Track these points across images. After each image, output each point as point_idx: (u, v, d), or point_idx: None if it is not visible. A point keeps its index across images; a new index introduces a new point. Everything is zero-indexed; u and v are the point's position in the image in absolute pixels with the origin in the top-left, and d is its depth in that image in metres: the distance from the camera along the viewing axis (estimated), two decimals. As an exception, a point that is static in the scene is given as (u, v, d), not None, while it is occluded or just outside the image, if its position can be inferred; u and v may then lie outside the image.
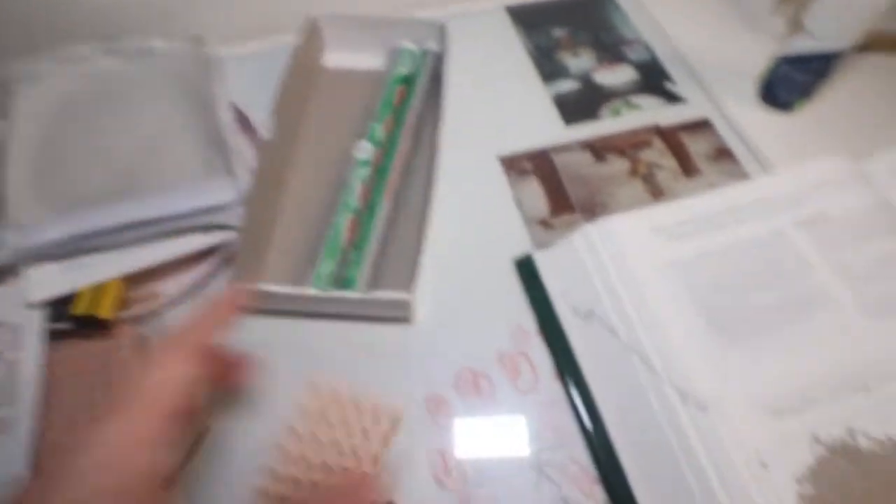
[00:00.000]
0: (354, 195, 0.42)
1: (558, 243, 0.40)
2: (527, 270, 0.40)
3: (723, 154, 0.47)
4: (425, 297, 0.39)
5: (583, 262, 0.39)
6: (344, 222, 0.41)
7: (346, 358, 0.37)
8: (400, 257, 0.40)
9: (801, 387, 0.33)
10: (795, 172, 0.42)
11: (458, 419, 0.35)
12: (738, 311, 0.36)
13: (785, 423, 0.32)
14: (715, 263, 0.37)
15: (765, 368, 0.33)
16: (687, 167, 0.46)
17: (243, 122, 0.45)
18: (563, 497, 0.33)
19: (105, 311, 0.35)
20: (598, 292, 0.37)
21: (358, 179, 0.42)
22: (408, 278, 0.36)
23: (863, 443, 0.31)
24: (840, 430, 0.32)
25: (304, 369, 0.37)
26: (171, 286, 0.39)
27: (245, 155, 0.43)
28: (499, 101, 0.50)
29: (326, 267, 0.39)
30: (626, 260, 0.38)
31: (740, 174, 0.45)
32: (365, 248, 0.40)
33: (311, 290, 0.36)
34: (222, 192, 0.39)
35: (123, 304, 0.37)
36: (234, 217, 0.39)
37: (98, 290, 0.36)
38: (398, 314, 0.38)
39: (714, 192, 0.41)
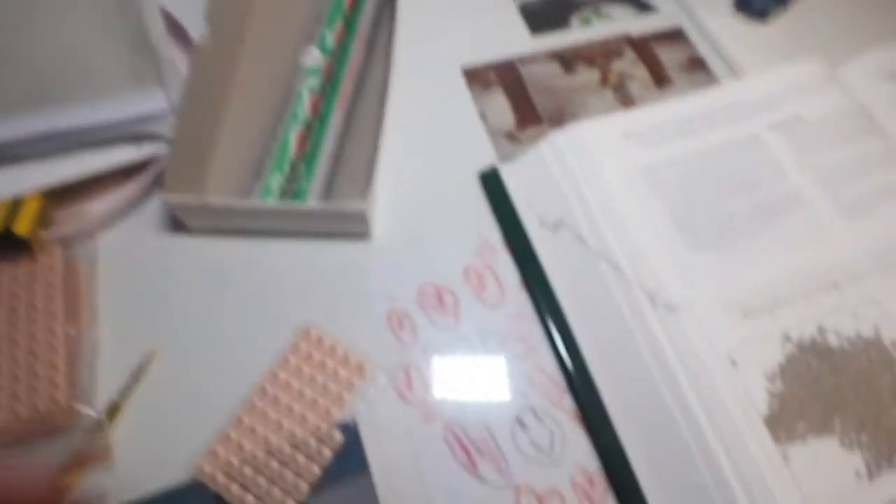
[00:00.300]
0: (304, 105, 0.38)
1: (525, 153, 0.38)
2: (492, 184, 0.38)
3: (696, 64, 0.45)
4: (385, 212, 0.37)
5: (550, 170, 0.36)
6: (293, 134, 0.37)
7: (302, 278, 0.35)
8: (354, 172, 0.37)
9: (773, 288, 0.32)
10: (770, 77, 0.40)
11: (421, 334, 0.34)
12: (709, 215, 0.34)
13: (756, 322, 0.31)
14: (687, 168, 0.36)
15: (736, 271, 0.32)
16: (659, 77, 0.44)
17: (176, 29, 0.41)
18: (531, 407, 0.32)
19: (23, 228, 0.32)
20: (566, 200, 0.35)
21: (307, 89, 0.39)
22: (363, 190, 0.34)
23: (833, 341, 0.31)
24: (811, 329, 0.31)
25: (257, 292, 0.35)
26: (100, 204, 0.35)
27: (178, 64, 0.38)
28: (460, 10, 0.46)
29: (275, 181, 0.36)
30: (596, 166, 0.36)
31: (713, 84, 0.43)
32: (316, 162, 0.37)
33: (257, 202, 0.33)
34: (151, 102, 0.35)
35: (47, 222, 0.34)
36: (166, 128, 0.35)
37: (15, 204, 0.32)
38: (355, 229, 0.35)
39: (687, 98, 0.39)
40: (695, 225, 0.34)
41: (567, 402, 0.32)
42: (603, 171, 0.35)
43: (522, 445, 0.31)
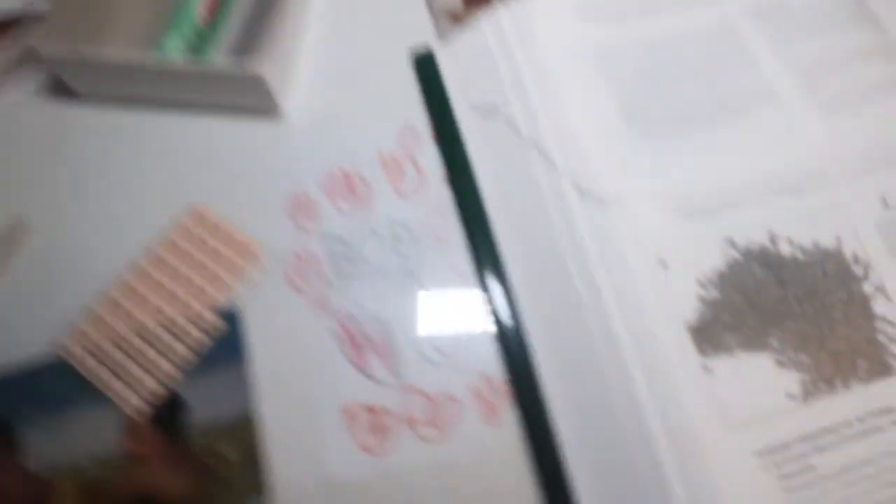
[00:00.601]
0: (217, -36, 0.34)
1: (464, 32, 0.33)
2: (425, 66, 0.33)
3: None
4: (304, 89, 0.33)
5: (489, 50, 0.32)
6: (200, -6, 0.33)
7: (199, 154, 0.31)
8: (274, 47, 0.33)
9: (725, 187, 0.28)
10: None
11: (324, 221, 0.30)
12: (665, 103, 0.30)
13: (697, 224, 0.27)
14: (646, 51, 0.31)
15: (685, 166, 0.28)
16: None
17: None
18: (438, 305, 0.28)
19: None
20: (502, 83, 0.31)
21: (223, -54, 0.34)
22: (265, 54, 0.29)
23: (785, 249, 0.27)
24: (761, 235, 0.27)
25: (147, 167, 0.31)
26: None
27: None
28: None
29: (173, 44, 0.32)
30: (539, 44, 0.31)
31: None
32: (224, 28, 0.32)
33: (138, 56, 0.29)
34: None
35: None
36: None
37: None
38: (259, 102, 0.31)
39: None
40: (646, 114, 0.29)
41: (479, 302, 0.28)
42: (547, 50, 0.31)
43: (423, 346, 0.28)
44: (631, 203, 0.27)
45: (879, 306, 0.25)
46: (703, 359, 0.24)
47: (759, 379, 0.24)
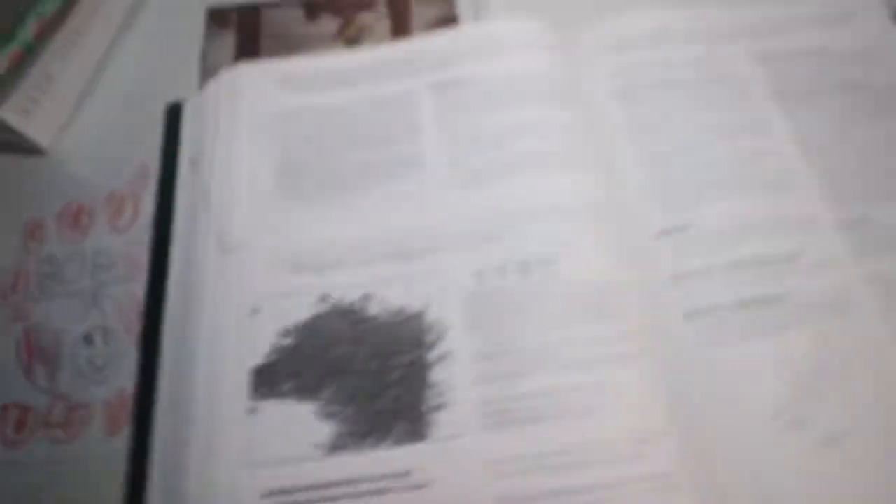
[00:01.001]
0: None
1: (203, 90, 0.38)
2: (172, 116, 0.38)
3: (445, 23, 0.41)
4: (68, 130, 0.39)
5: (208, 109, 0.36)
6: None
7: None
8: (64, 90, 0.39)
9: (333, 247, 0.30)
10: (471, 31, 0.37)
11: (47, 245, 0.36)
12: (319, 167, 0.33)
13: (300, 278, 0.30)
14: (325, 118, 0.34)
15: (307, 227, 0.31)
16: (401, 34, 0.41)
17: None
18: (104, 326, 0.33)
19: None
20: (204, 140, 0.35)
21: None
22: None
23: (372, 309, 0.29)
24: (355, 294, 0.29)
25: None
26: None
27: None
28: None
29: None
30: (237, 107, 0.35)
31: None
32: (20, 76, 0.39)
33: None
34: None
35: None
36: None
37: None
38: (15, 141, 0.38)
39: (367, 48, 0.37)
40: (297, 177, 0.32)
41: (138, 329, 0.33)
42: (240, 114, 0.35)
43: (81, 360, 0.32)
44: (249, 254, 0.30)
45: (436, 374, 0.27)
46: (254, 401, 0.27)
47: (296, 425, 0.26)
